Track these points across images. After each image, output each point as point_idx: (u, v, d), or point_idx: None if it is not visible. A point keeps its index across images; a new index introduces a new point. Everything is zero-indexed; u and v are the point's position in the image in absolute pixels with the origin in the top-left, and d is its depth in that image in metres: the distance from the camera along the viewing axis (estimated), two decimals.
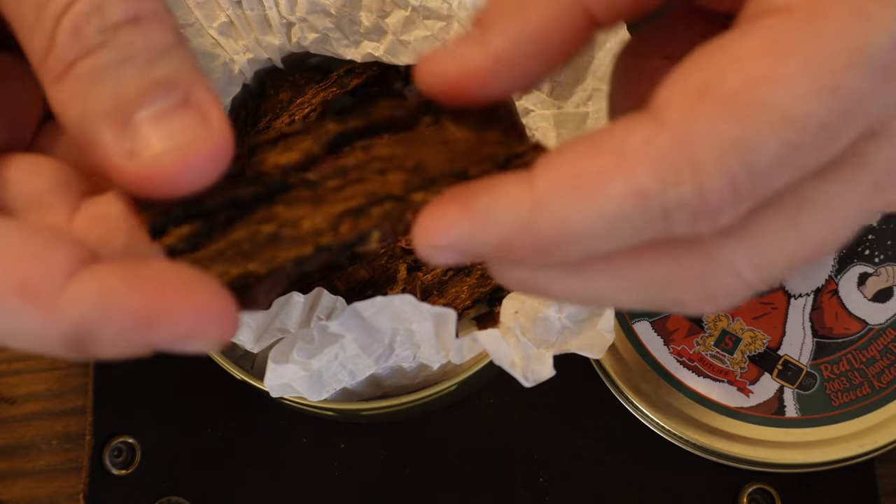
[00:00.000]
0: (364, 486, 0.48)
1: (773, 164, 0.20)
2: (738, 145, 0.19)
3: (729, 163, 0.19)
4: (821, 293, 0.47)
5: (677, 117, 0.20)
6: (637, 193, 0.20)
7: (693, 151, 0.19)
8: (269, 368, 0.37)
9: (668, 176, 0.20)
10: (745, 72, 0.20)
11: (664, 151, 0.20)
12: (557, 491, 0.47)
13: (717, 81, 0.20)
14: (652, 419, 0.46)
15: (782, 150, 0.20)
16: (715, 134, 0.19)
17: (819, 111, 0.19)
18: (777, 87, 0.19)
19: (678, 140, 0.20)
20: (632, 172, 0.20)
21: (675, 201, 0.20)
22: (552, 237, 0.20)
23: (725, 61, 0.20)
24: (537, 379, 0.37)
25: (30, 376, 0.51)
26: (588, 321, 0.38)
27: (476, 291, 0.44)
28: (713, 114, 0.19)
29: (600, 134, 0.21)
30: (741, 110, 0.19)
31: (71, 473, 0.49)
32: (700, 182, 0.20)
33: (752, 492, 0.46)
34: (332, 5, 0.44)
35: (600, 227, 0.20)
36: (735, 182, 0.20)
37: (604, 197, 0.20)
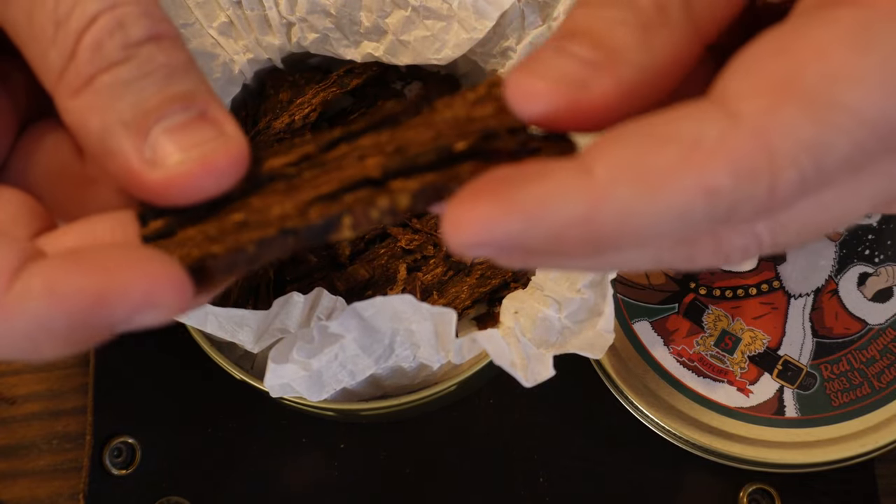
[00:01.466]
0: (364, 486, 0.48)
1: (841, 163, 0.19)
2: (814, 145, 0.19)
3: (802, 162, 0.19)
4: (821, 293, 0.47)
5: (755, 112, 0.19)
6: (709, 190, 0.19)
7: (772, 150, 0.19)
8: (268, 368, 0.37)
9: (744, 174, 0.19)
10: (827, 67, 0.19)
11: (742, 148, 0.19)
12: (557, 491, 0.47)
13: (798, 74, 0.19)
14: (652, 419, 0.46)
15: (852, 151, 0.19)
16: (795, 132, 0.19)
17: (892, 112, 0.19)
18: (858, 89, 0.19)
19: (756, 136, 0.19)
20: (705, 169, 0.19)
21: (746, 198, 0.19)
22: (611, 231, 0.19)
23: (807, 51, 0.19)
24: (537, 379, 0.37)
25: (30, 376, 0.51)
26: (588, 321, 0.38)
27: (476, 291, 0.44)
28: (794, 111, 0.19)
29: (665, 123, 0.19)
30: (818, 109, 0.19)
31: (71, 473, 0.49)
32: (774, 180, 0.19)
33: (752, 492, 0.46)
34: (332, 5, 0.44)
35: (664, 222, 0.19)
36: (804, 180, 0.19)
37: (674, 192, 0.19)
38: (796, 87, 0.19)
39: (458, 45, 0.43)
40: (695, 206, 0.19)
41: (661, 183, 0.19)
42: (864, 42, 0.19)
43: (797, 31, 0.20)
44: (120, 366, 0.50)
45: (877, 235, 0.47)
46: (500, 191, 0.19)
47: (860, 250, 0.47)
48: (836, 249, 0.47)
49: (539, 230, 0.19)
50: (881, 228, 0.48)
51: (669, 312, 0.47)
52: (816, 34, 0.19)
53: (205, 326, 0.38)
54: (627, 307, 0.47)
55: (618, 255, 0.21)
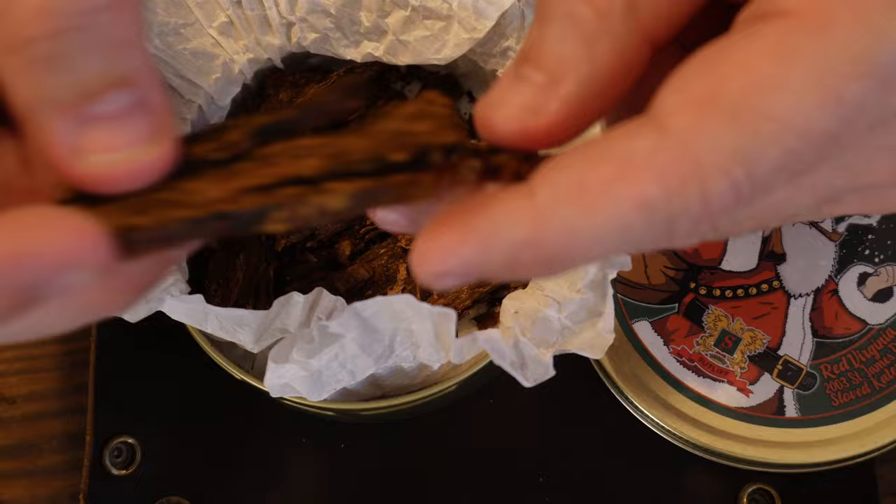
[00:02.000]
0: (364, 487, 0.48)
1: (774, 170, 0.20)
2: (742, 154, 0.19)
3: (732, 171, 0.19)
4: (821, 293, 0.47)
5: (681, 125, 0.20)
6: (642, 203, 0.19)
7: (698, 161, 0.19)
8: (268, 368, 0.37)
9: (673, 185, 0.19)
10: (749, 78, 0.19)
11: (669, 160, 0.19)
12: (557, 491, 0.47)
13: (721, 88, 0.19)
14: (652, 419, 0.46)
15: (784, 158, 0.20)
16: (719, 143, 0.19)
17: (822, 121, 0.19)
18: (781, 97, 0.19)
19: (682, 149, 0.19)
20: (637, 182, 0.19)
21: (680, 210, 0.20)
22: (558, 250, 0.20)
23: (730, 66, 0.20)
24: (537, 379, 0.37)
25: (30, 376, 0.51)
26: (588, 321, 0.38)
27: (476, 291, 0.44)
28: (717, 123, 0.19)
29: (602, 142, 0.20)
30: (745, 120, 0.19)
31: (71, 473, 0.49)
32: (704, 190, 0.20)
33: (752, 492, 0.46)
34: (332, 5, 0.44)
35: (606, 237, 0.20)
36: (737, 188, 0.20)
37: (609, 207, 0.20)
38: (720, 99, 0.19)
39: (458, 45, 0.43)
40: (632, 220, 0.20)
41: (597, 200, 0.20)
42: (788, 53, 0.19)
43: (724, 47, 0.20)
44: (120, 366, 0.50)
45: (877, 235, 0.47)
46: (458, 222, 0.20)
47: (860, 250, 0.47)
48: (836, 249, 0.47)
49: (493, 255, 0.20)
50: (881, 228, 0.48)
51: (669, 312, 0.47)
52: (742, 48, 0.20)
53: (205, 326, 0.38)
54: (627, 307, 0.47)
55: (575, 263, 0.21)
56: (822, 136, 0.20)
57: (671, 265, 0.48)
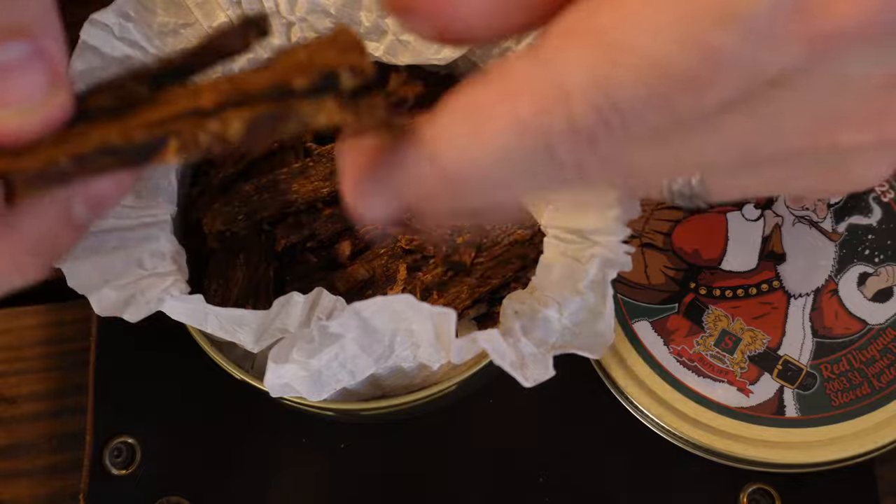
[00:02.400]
0: (364, 487, 0.48)
1: (640, 102, 0.20)
2: (600, 80, 0.20)
3: (593, 95, 0.20)
4: (821, 293, 0.47)
5: (549, 49, 0.21)
6: (517, 123, 0.20)
7: (561, 83, 0.20)
8: (268, 368, 0.37)
9: (540, 105, 0.20)
10: (617, 13, 0.20)
11: (537, 83, 0.20)
12: (557, 491, 0.47)
13: (591, 19, 0.20)
14: (652, 419, 0.46)
15: (647, 92, 0.20)
16: (580, 68, 0.20)
17: (682, 60, 0.20)
18: (641, 30, 0.20)
19: (549, 72, 0.20)
20: (511, 103, 0.20)
21: (549, 130, 0.20)
22: (460, 176, 0.21)
23: (602, 3, 0.21)
24: (537, 379, 0.37)
25: (30, 376, 0.51)
26: (588, 321, 0.38)
27: (476, 291, 0.44)
28: (581, 49, 0.20)
29: (492, 68, 0.21)
30: (605, 47, 0.20)
31: (71, 473, 0.49)
32: (569, 113, 0.20)
33: (752, 492, 0.46)
34: (332, 5, 0.44)
35: (496, 162, 0.21)
36: (602, 114, 0.20)
37: (491, 129, 0.21)
38: (586, 30, 0.20)
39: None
40: (511, 142, 0.21)
41: (482, 118, 0.21)
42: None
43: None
44: (120, 366, 0.50)
45: (877, 235, 0.47)
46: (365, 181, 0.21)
47: (860, 250, 0.47)
48: (836, 249, 0.47)
49: (403, 193, 0.21)
50: (881, 228, 0.48)
51: (669, 312, 0.47)
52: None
53: (205, 326, 0.38)
54: (627, 307, 0.47)
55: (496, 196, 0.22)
56: (686, 76, 0.20)
57: (671, 265, 0.48)
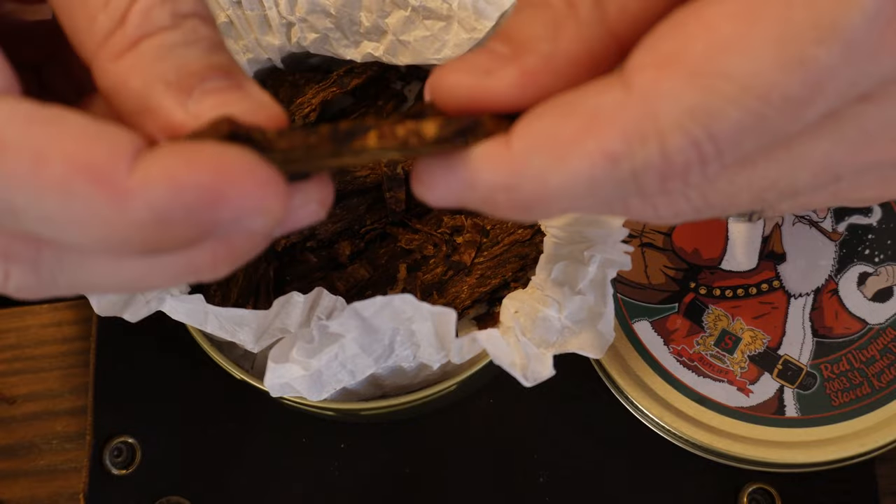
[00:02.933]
0: (364, 486, 0.48)
1: (736, 131, 0.20)
2: (698, 112, 0.20)
3: (689, 128, 0.20)
4: (821, 293, 0.47)
5: (644, 82, 0.21)
6: (607, 155, 0.21)
7: (657, 116, 0.20)
8: (268, 368, 0.37)
9: (634, 139, 0.20)
10: (711, 38, 0.20)
11: (631, 115, 0.20)
12: (557, 491, 0.47)
13: (684, 47, 0.20)
14: (652, 419, 0.46)
15: (745, 119, 0.20)
16: (677, 100, 0.20)
17: (783, 83, 0.20)
18: (739, 58, 0.20)
19: (643, 104, 0.20)
20: (602, 135, 0.21)
21: (641, 163, 0.21)
22: (531, 196, 0.22)
23: (695, 26, 0.20)
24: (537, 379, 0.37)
25: (30, 376, 0.51)
26: (588, 321, 0.38)
27: (476, 291, 0.44)
28: (676, 79, 0.20)
29: (574, 96, 0.21)
30: (703, 78, 0.20)
31: (71, 473, 0.49)
32: (664, 146, 0.20)
33: (752, 491, 0.46)
34: (332, 5, 0.44)
35: (576, 187, 0.21)
36: (698, 145, 0.20)
37: (577, 159, 0.21)
38: (682, 58, 0.20)
39: (458, 45, 0.43)
40: (598, 171, 0.21)
41: (567, 150, 0.21)
42: (750, 15, 0.20)
43: (695, 9, 0.21)
44: (120, 366, 0.50)
45: (877, 235, 0.47)
46: (444, 165, 0.22)
47: (860, 250, 0.47)
48: (836, 249, 0.47)
49: (473, 193, 0.22)
50: (881, 228, 0.48)
51: (669, 312, 0.47)
52: (706, 12, 0.20)
53: (205, 326, 0.38)
54: (627, 307, 0.47)
55: (551, 212, 0.23)
56: (786, 99, 0.20)
57: (671, 265, 0.48)
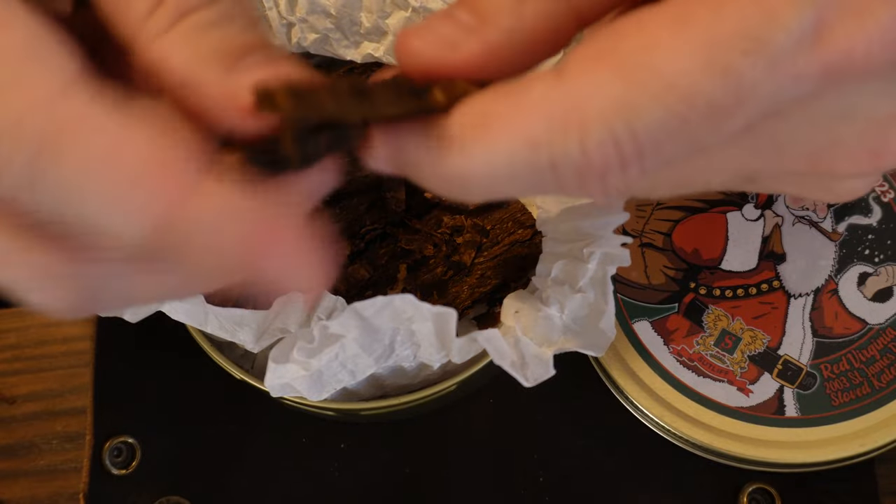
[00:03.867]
0: (364, 486, 0.48)
1: (658, 131, 0.21)
2: (622, 105, 0.20)
3: (612, 122, 0.21)
4: (821, 293, 0.47)
5: (574, 72, 0.21)
6: (528, 140, 0.21)
7: (581, 108, 0.21)
8: (269, 368, 0.37)
9: (555, 128, 0.21)
10: (643, 38, 0.21)
11: (555, 103, 0.21)
12: (557, 491, 0.47)
13: (616, 44, 0.21)
14: (652, 419, 0.46)
15: (667, 119, 0.20)
16: (602, 92, 0.21)
17: (706, 87, 0.20)
18: (667, 56, 0.20)
19: (569, 95, 0.21)
20: (525, 120, 0.21)
21: (560, 154, 0.21)
22: (458, 172, 0.22)
23: (629, 27, 0.21)
24: (537, 378, 0.37)
25: (30, 376, 0.51)
26: (589, 320, 0.38)
27: (476, 291, 0.44)
28: (604, 72, 0.21)
29: (513, 82, 0.22)
30: (630, 72, 0.20)
31: (71, 473, 0.49)
32: (584, 138, 0.21)
33: (752, 491, 0.46)
34: (332, 6, 0.44)
35: (497, 168, 0.22)
36: (618, 143, 0.21)
37: (501, 140, 0.21)
38: (612, 54, 0.21)
39: None
40: (517, 155, 0.21)
41: (492, 129, 0.21)
42: (682, 20, 0.20)
43: (632, 14, 0.21)
44: (120, 366, 0.50)
45: (877, 235, 0.47)
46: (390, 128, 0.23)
47: (860, 250, 0.47)
48: (836, 249, 0.48)
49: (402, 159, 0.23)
50: (881, 228, 0.48)
51: (669, 312, 0.47)
52: (647, 14, 0.21)
53: (205, 326, 0.38)
54: (627, 307, 0.47)
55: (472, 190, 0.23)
56: (710, 105, 0.20)
57: (671, 265, 0.48)
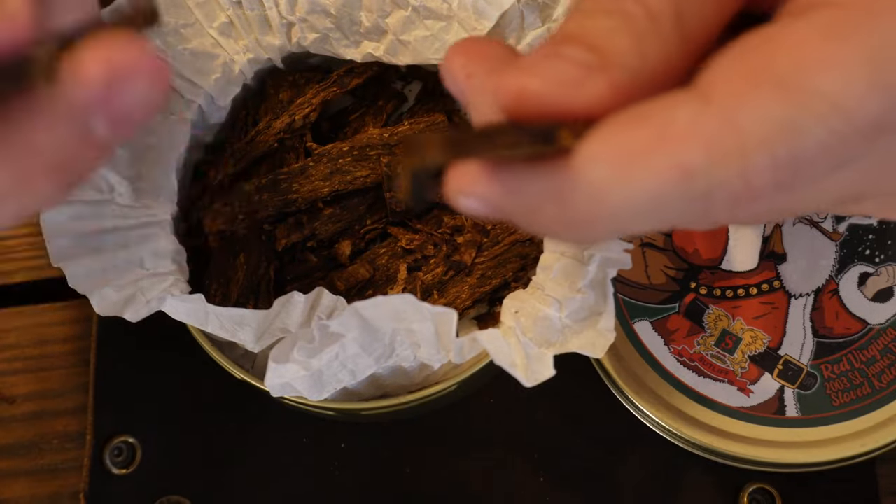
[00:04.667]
0: (364, 486, 0.48)
1: (816, 152, 0.19)
2: (785, 128, 0.19)
3: (774, 146, 0.19)
4: (821, 293, 0.47)
5: (726, 94, 0.19)
6: (682, 169, 0.19)
7: (741, 131, 0.19)
8: (269, 368, 0.37)
9: (715, 153, 0.19)
10: (799, 55, 0.19)
11: (712, 129, 0.19)
12: (557, 491, 0.47)
13: (770, 64, 0.19)
14: (652, 419, 0.46)
15: (828, 139, 0.19)
16: (764, 115, 0.19)
17: (870, 106, 0.19)
18: (831, 75, 0.19)
19: (726, 119, 0.19)
20: (678, 148, 0.19)
21: (719, 181, 0.19)
22: (583, 210, 0.20)
23: (777, 46, 0.20)
24: (538, 379, 0.37)
25: (30, 376, 0.51)
26: (589, 320, 0.38)
27: (476, 291, 0.44)
28: (764, 93, 0.19)
29: (642, 109, 0.20)
30: (792, 93, 0.19)
31: (71, 473, 0.49)
32: (745, 163, 0.19)
33: (753, 491, 0.46)
34: (332, 5, 0.44)
35: (639, 203, 0.20)
36: (778, 167, 0.19)
37: (646, 173, 0.19)
38: (768, 73, 0.19)
39: None
40: (669, 188, 0.19)
41: (633, 163, 0.19)
42: (840, 33, 0.19)
43: (770, 33, 0.20)
44: (120, 366, 0.50)
45: (877, 235, 0.47)
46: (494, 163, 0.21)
47: (861, 250, 0.47)
48: (836, 249, 0.47)
49: (516, 199, 0.21)
50: (882, 228, 0.48)
51: (670, 312, 0.47)
52: (793, 30, 0.20)
53: (205, 326, 0.38)
54: (628, 307, 0.47)
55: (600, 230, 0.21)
56: (874, 122, 0.19)
57: (672, 265, 0.48)
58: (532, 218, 0.21)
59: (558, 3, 0.42)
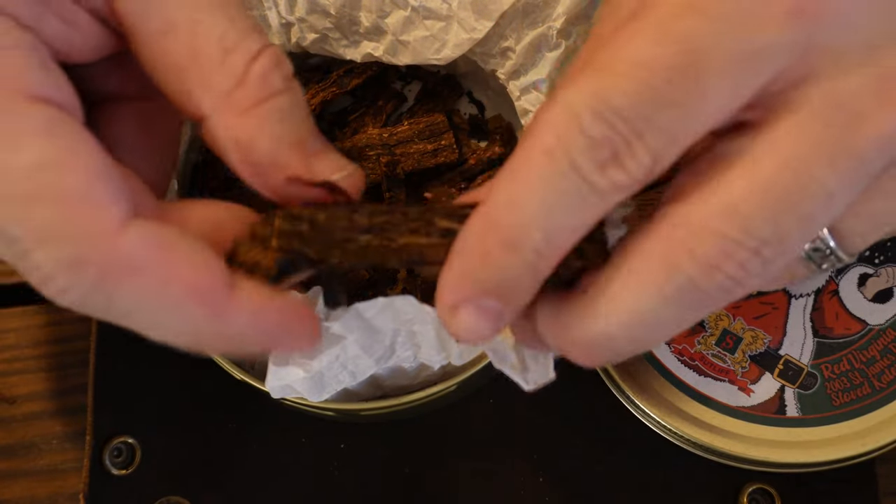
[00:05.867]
0: (364, 486, 0.48)
1: (634, 99, 0.23)
2: (597, 91, 0.23)
3: (594, 105, 0.23)
4: (821, 293, 0.47)
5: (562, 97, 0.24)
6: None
7: (570, 107, 0.23)
8: (269, 371, 0.37)
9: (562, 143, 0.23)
10: (607, 49, 0.23)
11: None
12: (557, 491, 0.47)
13: (586, 62, 0.23)
14: (652, 418, 0.46)
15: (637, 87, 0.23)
16: (580, 89, 0.23)
17: (662, 54, 0.23)
18: (627, 47, 0.23)
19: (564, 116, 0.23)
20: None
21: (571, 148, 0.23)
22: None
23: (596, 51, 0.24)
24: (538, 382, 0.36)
25: (30, 376, 0.51)
26: None
27: None
28: (578, 79, 0.23)
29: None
30: (598, 67, 0.23)
31: (71, 473, 0.49)
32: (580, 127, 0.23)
33: (753, 491, 0.46)
34: (331, 5, 0.44)
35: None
36: (606, 119, 0.23)
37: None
38: (583, 66, 0.24)
39: (457, 45, 0.43)
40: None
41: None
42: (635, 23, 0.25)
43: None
44: (120, 366, 0.50)
45: None
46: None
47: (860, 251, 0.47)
48: None
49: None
50: None
51: None
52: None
53: None
54: None
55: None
56: (667, 66, 0.23)
57: None
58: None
59: (558, 3, 0.42)
